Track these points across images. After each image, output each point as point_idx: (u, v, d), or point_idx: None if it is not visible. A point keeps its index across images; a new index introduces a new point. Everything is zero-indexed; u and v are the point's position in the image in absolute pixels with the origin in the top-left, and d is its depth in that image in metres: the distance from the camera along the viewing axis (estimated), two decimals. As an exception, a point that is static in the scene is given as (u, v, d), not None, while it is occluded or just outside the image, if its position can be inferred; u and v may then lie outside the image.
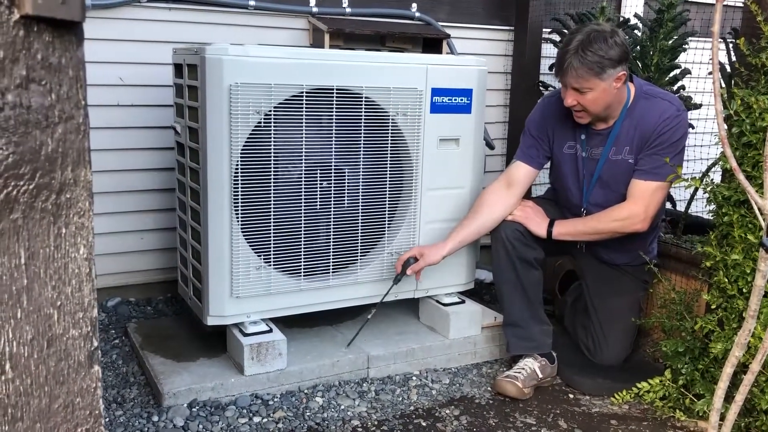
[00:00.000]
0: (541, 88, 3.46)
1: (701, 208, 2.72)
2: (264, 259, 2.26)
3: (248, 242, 2.22)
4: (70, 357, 0.80)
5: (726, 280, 2.07)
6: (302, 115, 2.23)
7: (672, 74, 2.93)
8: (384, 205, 2.45)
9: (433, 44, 3.20)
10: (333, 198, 2.35)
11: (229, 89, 2.10)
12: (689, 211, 2.93)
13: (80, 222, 0.79)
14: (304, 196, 2.29)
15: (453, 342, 2.57)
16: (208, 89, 2.10)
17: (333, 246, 2.37)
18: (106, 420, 2.09)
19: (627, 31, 3.01)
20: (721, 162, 2.18)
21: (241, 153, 2.15)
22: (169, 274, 2.93)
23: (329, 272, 2.39)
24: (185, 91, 2.28)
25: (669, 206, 2.95)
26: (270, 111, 2.17)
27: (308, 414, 2.17)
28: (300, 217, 2.30)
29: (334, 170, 2.33)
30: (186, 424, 2.06)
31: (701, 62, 3.25)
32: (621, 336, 2.51)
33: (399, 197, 2.49)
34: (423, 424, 2.16)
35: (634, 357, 2.61)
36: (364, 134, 2.35)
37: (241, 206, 2.19)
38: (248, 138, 2.15)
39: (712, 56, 1.26)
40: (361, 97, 2.31)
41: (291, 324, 2.51)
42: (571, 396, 2.41)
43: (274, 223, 2.25)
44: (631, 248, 2.44)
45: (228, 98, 2.10)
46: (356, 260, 2.44)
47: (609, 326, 2.51)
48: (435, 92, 2.45)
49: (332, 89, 2.25)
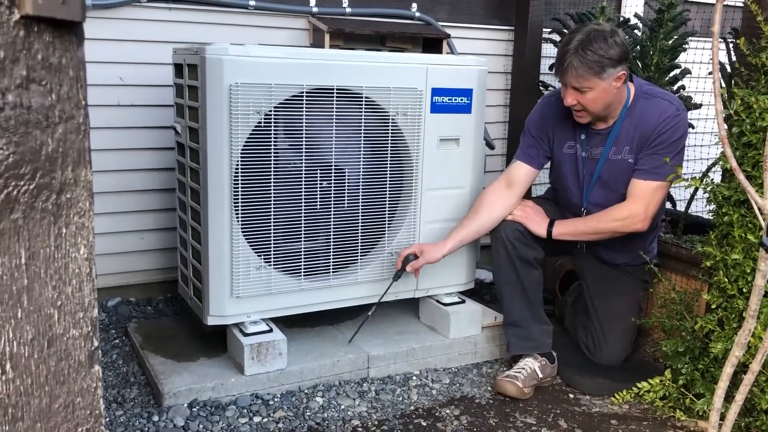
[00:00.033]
0: (541, 88, 3.46)
1: (701, 208, 2.72)
2: (264, 259, 2.26)
3: (248, 242, 2.22)
4: (71, 357, 0.80)
5: (726, 280, 2.07)
6: (302, 115, 2.23)
7: (672, 74, 2.93)
8: (384, 205, 2.46)
9: (434, 44, 3.20)
10: (333, 198, 2.35)
11: (230, 89, 2.10)
12: (689, 211, 2.93)
13: (81, 222, 0.79)
14: (305, 196, 2.29)
15: (453, 342, 2.57)
16: (209, 89, 2.10)
17: (333, 246, 2.38)
18: (107, 420, 2.09)
19: (627, 31, 3.01)
20: (721, 162, 2.18)
21: (242, 153, 2.15)
22: (170, 274, 2.93)
23: (329, 272, 2.39)
24: (185, 91, 2.28)
25: (669, 206, 2.95)
26: (270, 111, 2.17)
27: (308, 414, 2.17)
28: (300, 217, 2.30)
29: (334, 170, 2.33)
30: (186, 424, 2.06)
31: (701, 62, 3.25)
32: (621, 336, 2.52)
33: (399, 197, 2.49)
34: (423, 424, 2.16)
35: (635, 357, 2.61)
36: (365, 134, 2.35)
37: (242, 206, 2.19)
38: (248, 138, 2.15)
39: (713, 56, 1.26)
40: (361, 97, 2.31)
41: (291, 324, 2.51)
42: (572, 396, 2.41)
43: (275, 223, 2.26)
44: (631, 248, 2.44)
45: (228, 98, 2.10)
46: (356, 260, 2.44)
47: (609, 326, 2.51)
48: (435, 92, 2.45)
49: (332, 89, 2.25)
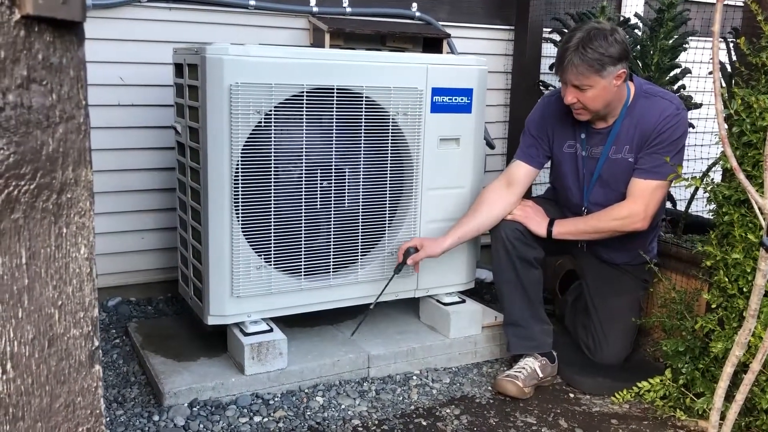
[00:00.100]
0: (542, 88, 3.46)
1: (701, 208, 2.72)
2: (264, 259, 2.26)
3: (249, 242, 2.23)
4: (71, 356, 0.80)
5: (726, 280, 2.07)
6: (303, 115, 2.23)
7: (672, 74, 2.93)
8: (384, 205, 2.46)
9: (434, 44, 3.20)
10: (333, 197, 2.35)
11: (230, 89, 2.10)
12: (689, 211, 2.93)
13: (81, 222, 0.79)
14: (305, 196, 2.29)
15: (453, 341, 2.57)
16: (209, 89, 2.10)
17: (333, 245, 2.38)
18: (107, 419, 2.09)
19: (627, 31, 3.01)
20: (722, 161, 2.18)
21: (242, 153, 2.15)
22: (170, 274, 2.94)
23: (330, 272, 2.39)
24: (186, 91, 2.28)
25: (669, 206, 2.95)
26: (270, 111, 2.17)
27: (309, 413, 2.18)
28: (300, 217, 2.30)
29: (335, 170, 2.33)
30: (187, 424, 2.06)
31: (701, 62, 3.24)
32: (621, 335, 2.52)
33: (399, 197, 2.49)
34: (423, 424, 2.16)
35: (635, 356, 2.61)
36: (365, 134, 2.35)
37: (242, 206, 2.19)
38: (249, 138, 2.15)
39: (713, 56, 1.26)
40: (362, 97, 2.31)
41: (292, 323, 2.51)
42: (572, 395, 2.41)
43: (275, 223, 2.26)
44: (631, 247, 2.44)
45: (228, 98, 2.10)
46: (357, 260, 2.44)
47: (609, 325, 2.51)
48: (435, 92, 2.45)
49: (333, 89, 2.25)
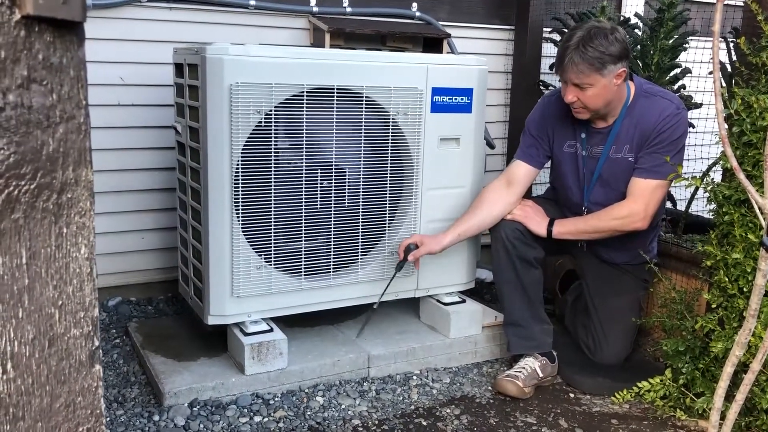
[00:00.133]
0: (542, 88, 3.46)
1: (702, 208, 2.72)
2: (265, 259, 2.26)
3: (249, 242, 2.23)
4: (72, 356, 0.80)
5: (726, 279, 2.07)
6: (303, 115, 2.23)
7: (672, 73, 2.93)
8: (384, 205, 2.45)
9: (434, 44, 3.20)
10: (333, 197, 2.35)
11: (230, 89, 2.10)
12: (690, 211, 2.93)
13: (81, 222, 0.79)
14: (305, 196, 2.29)
15: (454, 341, 2.57)
16: (209, 89, 2.10)
17: (333, 245, 2.38)
18: (107, 419, 2.09)
19: (627, 31, 3.01)
20: (722, 161, 2.18)
21: (242, 152, 2.15)
22: (170, 274, 2.94)
23: (330, 272, 2.39)
24: (186, 91, 2.28)
25: (669, 205, 2.95)
26: (270, 111, 2.17)
27: (309, 413, 2.18)
28: (300, 217, 2.30)
29: (335, 170, 2.33)
30: (187, 424, 2.06)
31: (702, 61, 3.24)
32: (621, 335, 2.51)
33: (399, 197, 2.49)
34: (423, 424, 2.16)
35: (635, 356, 2.61)
36: (365, 134, 2.35)
37: (242, 206, 2.19)
38: (249, 137, 2.15)
39: (713, 55, 1.26)
40: (362, 97, 2.31)
41: (292, 323, 2.51)
42: (572, 395, 2.41)
43: (275, 223, 2.26)
44: (631, 247, 2.44)
45: (228, 98, 2.10)
46: (357, 259, 2.44)
47: (609, 325, 2.51)
48: (435, 92, 2.45)
49: (333, 89, 2.25)
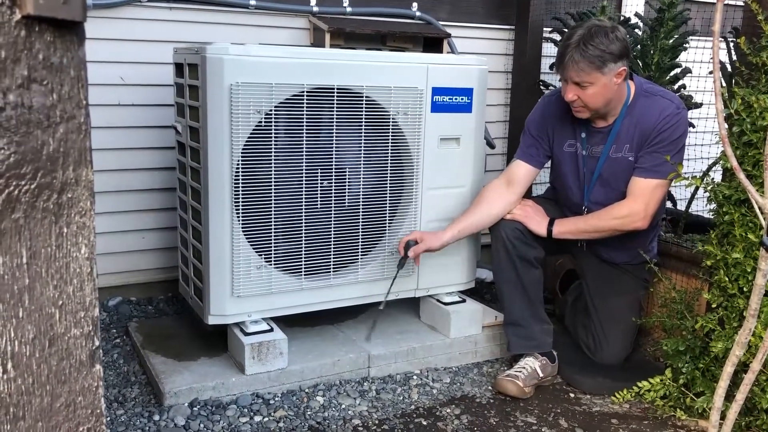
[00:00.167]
0: (542, 87, 3.46)
1: (702, 207, 2.72)
2: (265, 259, 2.26)
3: (249, 241, 2.23)
4: (72, 356, 0.80)
5: (726, 279, 2.07)
6: (303, 115, 2.23)
7: (673, 73, 2.93)
8: (385, 205, 2.46)
9: (434, 43, 3.20)
10: (333, 197, 2.35)
11: (230, 89, 2.10)
12: (690, 210, 2.93)
13: (82, 221, 0.79)
14: (305, 196, 2.29)
15: (454, 341, 2.57)
16: (209, 89, 2.10)
17: (334, 245, 2.38)
18: (108, 419, 2.09)
19: (628, 30, 3.01)
20: (722, 161, 2.18)
21: (242, 152, 2.15)
22: (170, 274, 2.94)
23: (330, 271, 2.39)
24: (186, 91, 2.28)
25: (670, 205, 2.95)
26: (271, 110, 2.17)
27: (309, 413, 2.18)
28: (301, 216, 2.30)
29: (335, 170, 2.33)
30: (187, 423, 2.06)
31: (702, 61, 3.24)
32: (621, 335, 2.51)
33: (400, 197, 2.49)
34: (424, 423, 2.16)
35: (635, 356, 2.61)
36: (365, 134, 2.35)
37: (242, 205, 2.19)
38: (249, 137, 2.15)
39: (713, 55, 1.26)
40: (362, 97, 2.31)
41: (292, 323, 2.51)
42: (572, 395, 2.41)
43: (275, 223, 2.26)
44: (631, 247, 2.44)
45: (229, 98, 2.10)
46: (357, 259, 2.44)
47: (609, 325, 2.51)
48: (436, 91, 2.45)
49: (333, 89, 2.25)
